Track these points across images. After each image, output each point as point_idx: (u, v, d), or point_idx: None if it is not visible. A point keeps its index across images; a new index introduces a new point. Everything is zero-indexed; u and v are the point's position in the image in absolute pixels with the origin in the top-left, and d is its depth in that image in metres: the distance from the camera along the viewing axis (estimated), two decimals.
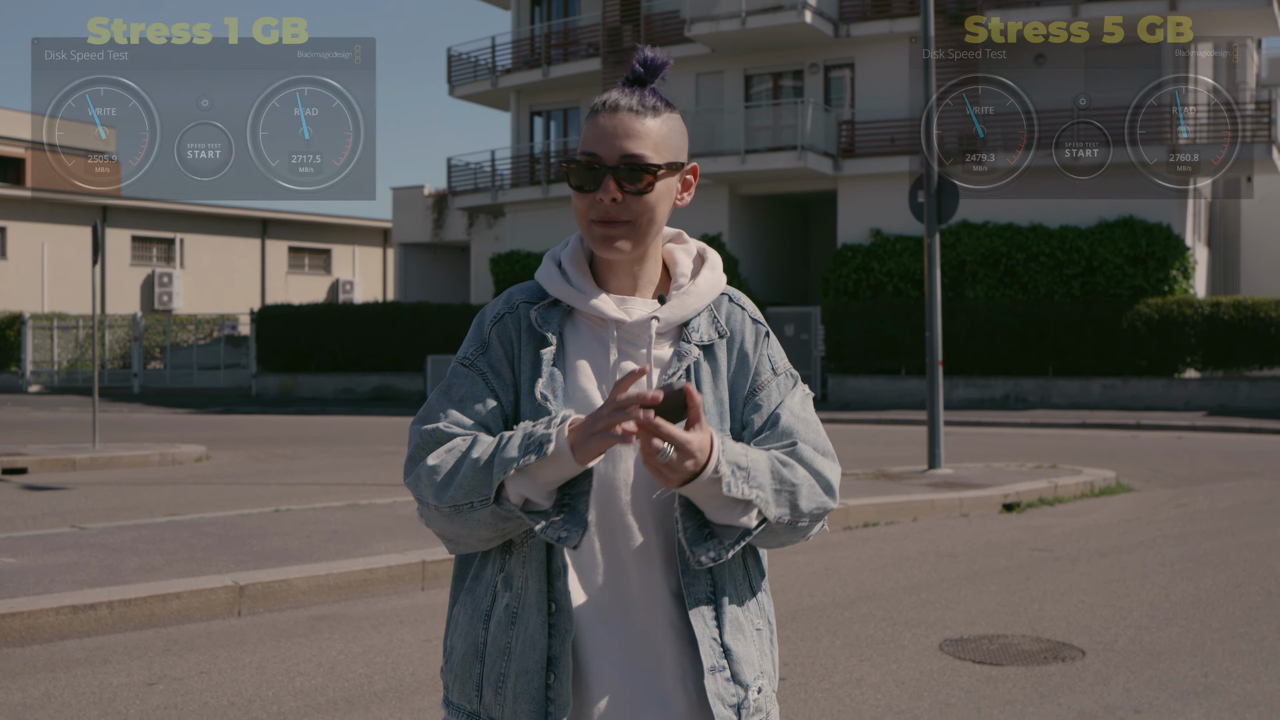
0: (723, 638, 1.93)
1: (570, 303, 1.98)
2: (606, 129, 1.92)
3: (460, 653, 1.97)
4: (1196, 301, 25.63)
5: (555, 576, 1.90)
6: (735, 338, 2.02)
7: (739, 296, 2.07)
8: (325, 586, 7.21)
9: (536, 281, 2.04)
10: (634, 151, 1.91)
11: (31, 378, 37.30)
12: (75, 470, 14.38)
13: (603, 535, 1.92)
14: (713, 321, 2.01)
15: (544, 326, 1.97)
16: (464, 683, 1.96)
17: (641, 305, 1.99)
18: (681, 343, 1.98)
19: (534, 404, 1.93)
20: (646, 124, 1.93)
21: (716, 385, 1.99)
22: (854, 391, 27.83)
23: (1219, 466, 14.88)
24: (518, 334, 1.98)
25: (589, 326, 1.99)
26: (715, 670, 1.90)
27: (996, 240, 27.05)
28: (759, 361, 2.03)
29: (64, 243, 43.20)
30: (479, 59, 35.33)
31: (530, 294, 2.02)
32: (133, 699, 5.20)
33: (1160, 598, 7.27)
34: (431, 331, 31.70)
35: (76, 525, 9.30)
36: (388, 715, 4.99)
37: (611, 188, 1.91)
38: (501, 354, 1.98)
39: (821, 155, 28.48)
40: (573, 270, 2.00)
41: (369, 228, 52.29)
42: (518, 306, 2.00)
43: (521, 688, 1.89)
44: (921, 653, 5.99)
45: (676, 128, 1.97)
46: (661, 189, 1.94)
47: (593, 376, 1.96)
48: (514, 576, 1.93)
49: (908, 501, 10.72)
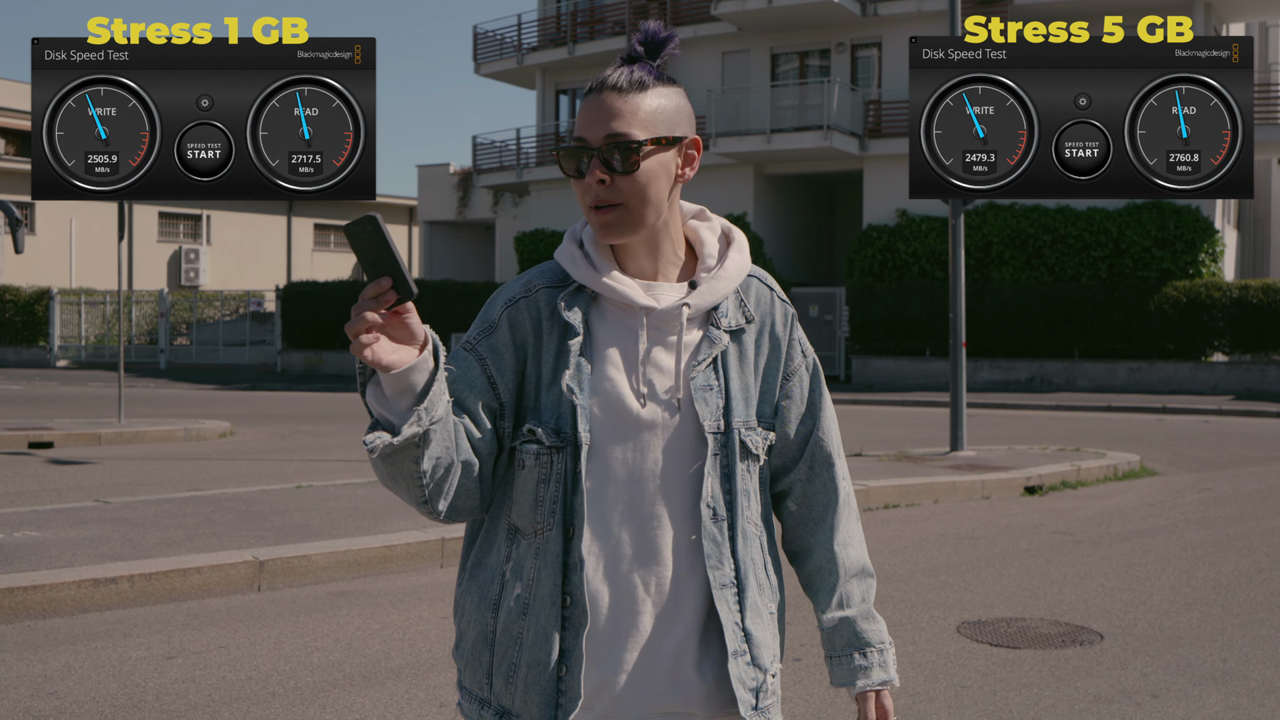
0: (744, 622, 1.93)
1: (595, 288, 1.92)
2: (591, 112, 1.88)
3: (470, 639, 1.96)
4: (1225, 284, 25.41)
5: (571, 570, 1.88)
6: (765, 321, 2.01)
7: (766, 277, 2.05)
8: (345, 563, 7.25)
9: (556, 263, 1.98)
10: (618, 130, 1.85)
11: (59, 353, 37.55)
12: (100, 445, 14.49)
13: (629, 525, 1.91)
14: (740, 305, 1.98)
15: (570, 314, 1.91)
16: (475, 669, 1.95)
17: (669, 290, 1.95)
18: (710, 328, 1.95)
19: (558, 394, 1.90)
20: (632, 101, 1.87)
21: (743, 370, 1.98)
22: (877, 372, 27.75)
23: (1244, 451, 14.78)
24: (536, 320, 1.93)
25: (615, 312, 1.94)
26: (738, 654, 1.91)
27: (1023, 221, 26.88)
28: (790, 346, 2.03)
29: (92, 219, 43.42)
30: (505, 36, 35.28)
31: (550, 277, 1.96)
32: (152, 672, 5.24)
33: (1181, 582, 7.23)
34: (456, 309, 31.75)
35: (100, 499, 9.37)
36: (404, 691, 5.02)
37: (597, 171, 1.86)
38: (509, 338, 1.93)
39: (848, 135, 28.33)
40: (595, 253, 1.95)
41: (394, 205, 52.37)
42: (536, 292, 1.95)
43: (533, 679, 1.87)
44: (939, 635, 5.98)
45: (670, 102, 1.90)
46: (652, 166, 1.88)
47: (621, 365, 1.92)
48: (524, 567, 1.90)
49: (929, 483, 10.68)
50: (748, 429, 1.96)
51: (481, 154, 35.56)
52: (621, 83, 1.88)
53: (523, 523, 1.91)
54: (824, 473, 2.05)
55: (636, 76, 1.89)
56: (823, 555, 2.04)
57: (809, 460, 2.05)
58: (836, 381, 28.02)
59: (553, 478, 1.89)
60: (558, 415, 1.90)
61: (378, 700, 4.90)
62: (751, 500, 1.97)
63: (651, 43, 1.92)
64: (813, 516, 2.06)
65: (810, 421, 2.05)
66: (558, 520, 1.88)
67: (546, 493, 1.89)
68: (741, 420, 1.95)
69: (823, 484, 2.05)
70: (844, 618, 2.02)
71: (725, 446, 1.94)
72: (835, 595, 2.03)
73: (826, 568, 2.04)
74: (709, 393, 1.93)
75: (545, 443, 1.89)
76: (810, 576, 2.06)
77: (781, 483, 2.07)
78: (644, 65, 1.91)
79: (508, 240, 36.43)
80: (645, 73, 1.90)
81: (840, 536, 2.05)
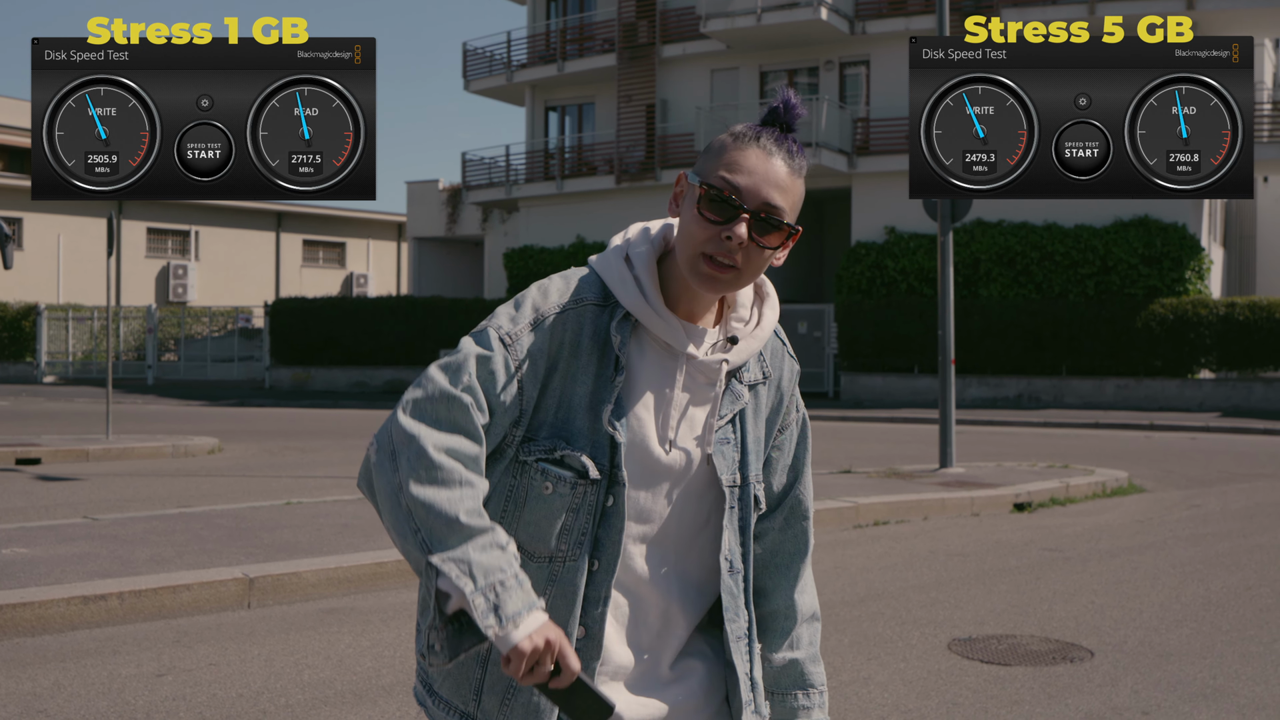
0: (752, 672, 2.00)
1: (644, 320, 1.87)
2: (757, 169, 1.82)
3: None
4: (1211, 302, 25.53)
5: (591, 604, 1.87)
6: (776, 376, 2.03)
7: (781, 332, 2.05)
8: (335, 580, 7.23)
9: (597, 276, 1.91)
10: (778, 204, 1.82)
11: (46, 368, 37.43)
12: (88, 461, 14.44)
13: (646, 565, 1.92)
14: (760, 361, 2.00)
15: (620, 345, 1.86)
16: (459, 682, 1.90)
17: (707, 337, 1.93)
18: (734, 383, 1.95)
19: (596, 425, 1.85)
20: (793, 181, 1.85)
21: (756, 424, 2.00)
22: (866, 389, 27.80)
23: (1232, 468, 14.83)
24: (577, 335, 1.86)
25: (655, 349, 1.90)
26: (748, 705, 1.98)
27: (1011, 239, 26.98)
28: (789, 400, 2.06)
29: (79, 234, 43.34)
30: (494, 54, 35.36)
31: (596, 293, 1.88)
32: (142, 690, 5.22)
33: (1170, 599, 7.25)
34: (445, 326, 31.73)
35: (89, 516, 9.34)
36: (395, 709, 5.00)
37: (744, 232, 1.81)
38: (545, 346, 1.84)
39: (836, 152, 28.43)
40: (649, 285, 1.88)
41: (383, 221, 52.37)
42: (584, 306, 1.87)
43: (533, 707, 1.87)
44: (930, 652, 5.98)
45: (803, 188, 1.89)
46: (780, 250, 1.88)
47: (652, 407, 1.89)
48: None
49: (918, 500, 10.70)
50: (758, 481, 2.00)
51: (471, 170, 35.59)
52: (790, 159, 1.85)
53: (536, 546, 1.87)
54: (797, 524, 2.10)
55: (799, 162, 1.87)
56: (782, 600, 2.10)
57: (786, 511, 2.09)
58: (825, 398, 28.06)
59: (584, 509, 1.86)
60: (593, 445, 1.85)
61: (369, 718, 4.89)
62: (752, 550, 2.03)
63: (791, 111, 1.88)
64: (779, 563, 2.10)
65: (794, 475, 2.09)
66: (584, 551, 1.86)
67: (576, 522, 1.86)
68: (755, 474, 1.99)
69: (794, 535, 2.10)
70: (793, 659, 2.10)
71: (741, 500, 1.97)
72: (788, 638, 2.11)
73: (784, 612, 2.10)
74: (726, 446, 1.94)
75: (588, 475, 1.85)
76: (765, 618, 2.12)
77: (757, 527, 2.09)
78: (801, 148, 1.89)
79: (497, 257, 36.44)
80: (803, 158, 1.88)
81: (801, 584, 2.11)
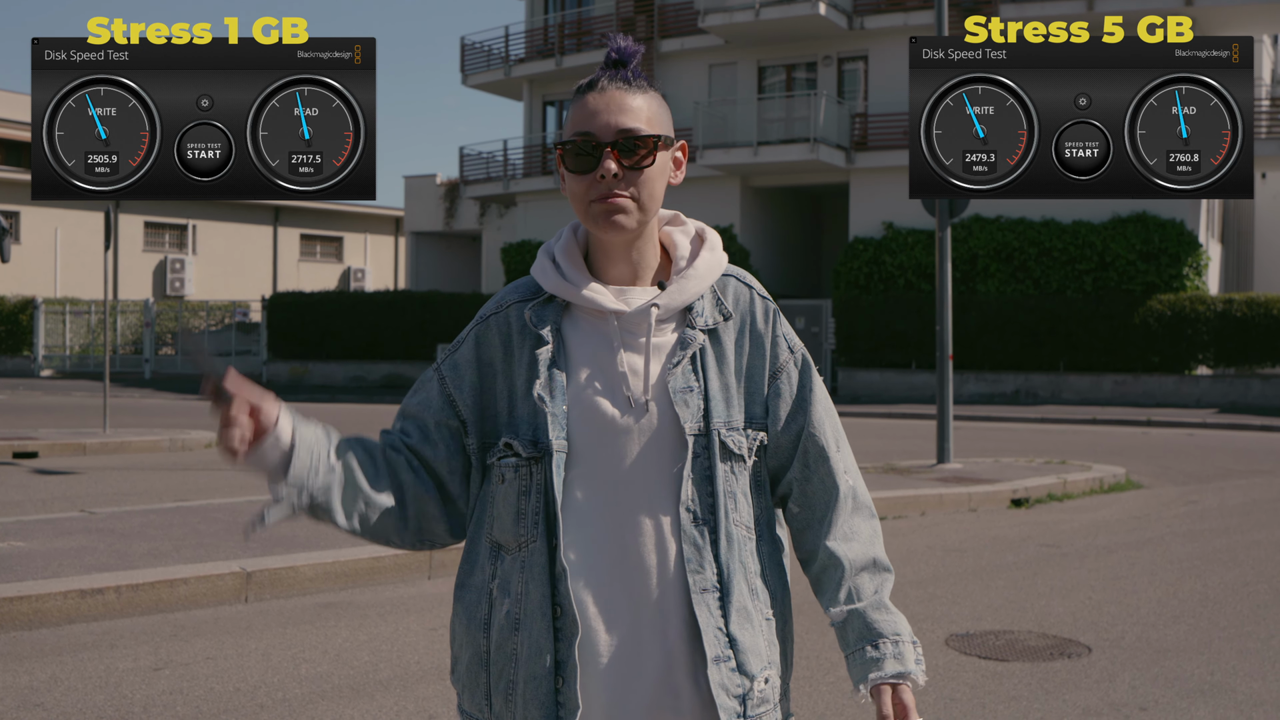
0: (728, 627, 1.89)
1: (565, 297, 1.93)
2: (598, 106, 1.89)
3: (465, 662, 1.95)
4: (1209, 298, 25.53)
5: (558, 580, 1.86)
6: (744, 318, 1.98)
7: (743, 274, 2.03)
8: (332, 574, 7.23)
9: (531, 277, 2.00)
10: (629, 126, 1.88)
11: (44, 362, 37.39)
12: (85, 455, 14.43)
13: (611, 532, 1.89)
14: (716, 304, 1.97)
15: (539, 325, 1.92)
16: (473, 692, 1.94)
17: (641, 294, 1.94)
18: (685, 329, 1.93)
19: (532, 406, 1.90)
20: (637, 99, 1.90)
21: (723, 370, 1.95)
22: (864, 385, 27.80)
23: (1229, 464, 14.84)
24: (506, 336, 1.95)
25: (589, 321, 1.94)
26: (720, 660, 1.87)
27: (1009, 235, 26.97)
28: (774, 341, 1.99)
29: (77, 228, 43.29)
30: (492, 48, 35.33)
31: (524, 292, 1.98)
32: (139, 684, 5.22)
33: (1168, 595, 7.25)
34: (442, 320, 31.71)
35: (86, 510, 9.33)
36: (393, 703, 5.00)
37: (612, 163, 1.87)
38: (472, 355, 1.96)
39: (834, 148, 28.41)
40: (566, 263, 1.96)
41: (381, 216, 52.32)
42: (508, 308, 1.97)
43: (531, 694, 1.86)
44: (927, 647, 5.98)
45: (661, 105, 1.94)
46: (660, 163, 1.91)
47: (597, 372, 1.91)
48: (511, 582, 1.89)
49: (916, 496, 10.70)
50: (729, 429, 1.93)
51: (468, 165, 35.57)
52: (630, 82, 1.92)
53: (505, 538, 1.91)
54: (820, 468, 1.99)
55: (635, 80, 1.92)
56: (825, 554, 1.96)
57: (803, 457, 1.99)
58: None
59: (533, 489, 1.89)
60: (534, 426, 1.90)
61: (366, 712, 4.89)
62: (740, 503, 1.93)
63: (626, 53, 1.93)
64: (815, 517, 1.99)
65: (801, 417, 1.99)
66: (541, 531, 1.87)
67: (528, 505, 1.88)
68: (722, 421, 1.92)
69: (820, 480, 1.99)
70: (853, 610, 1.92)
71: (706, 448, 1.91)
72: (842, 589, 1.94)
73: (830, 565, 1.96)
74: (689, 394, 1.91)
75: (523, 454, 1.89)
76: (816, 578, 1.99)
77: (782, 485, 2.02)
78: (635, 70, 1.94)
79: (494, 251, 36.41)
80: (639, 77, 1.93)
81: (840, 531, 1.96)
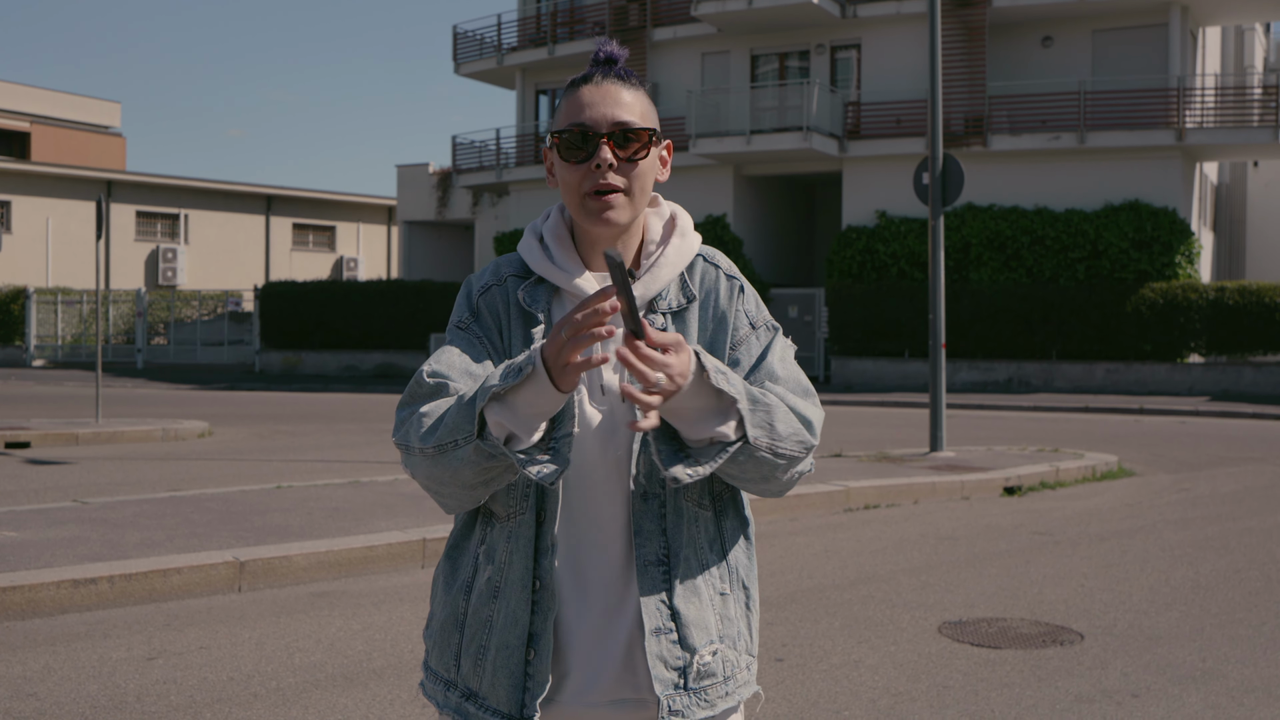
0: (672, 600, 1.90)
1: (554, 281, 1.96)
2: (594, 98, 1.91)
3: (440, 620, 1.98)
4: (1201, 286, 25.57)
5: (542, 554, 1.89)
6: (708, 297, 1.99)
7: (712, 254, 2.04)
8: (326, 563, 7.22)
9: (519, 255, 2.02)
10: (625, 118, 1.90)
11: (35, 352, 37.33)
12: (78, 445, 14.41)
13: (588, 507, 1.91)
14: (682, 286, 1.98)
15: (532, 305, 1.96)
16: (442, 650, 1.98)
17: None
18: (650, 314, 1.95)
19: None
20: (630, 94, 1.93)
21: None
22: (857, 373, 27.83)
23: (1221, 452, 14.87)
24: (505, 308, 1.97)
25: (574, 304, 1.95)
26: (660, 632, 1.88)
27: (1001, 223, 26.99)
28: (735, 317, 1.99)
29: (68, 217, 43.19)
30: (485, 36, 35.24)
31: (516, 267, 2.01)
32: (132, 673, 5.22)
33: (1160, 582, 7.27)
34: (435, 309, 31.71)
35: (78, 500, 9.31)
36: (386, 692, 5.00)
37: (608, 154, 1.88)
38: (491, 323, 1.97)
39: (827, 136, 28.39)
40: (556, 247, 1.98)
41: (374, 205, 52.24)
42: (505, 280, 1.99)
43: (501, 662, 1.89)
44: (920, 635, 6.00)
45: (650, 104, 1.97)
46: (651, 158, 1.94)
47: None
48: (497, 550, 1.91)
49: (909, 484, 10.72)
50: None
51: (461, 154, 35.50)
52: (624, 79, 1.94)
53: (496, 507, 1.93)
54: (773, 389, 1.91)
55: (631, 81, 1.95)
56: None
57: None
58: (815, 382, 28.04)
59: None
60: None
61: (360, 701, 4.89)
62: None
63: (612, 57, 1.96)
64: None
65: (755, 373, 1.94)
66: (530, 505, 1.90)
67: (520, 477, 1.89)
68: None
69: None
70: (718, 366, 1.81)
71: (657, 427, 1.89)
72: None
73: None
74: None
75: None
76: None
77: None
78: (626, 70, 1.97)
79: (487, 240, 36.38)
80: (630, 74, 1.96)
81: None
